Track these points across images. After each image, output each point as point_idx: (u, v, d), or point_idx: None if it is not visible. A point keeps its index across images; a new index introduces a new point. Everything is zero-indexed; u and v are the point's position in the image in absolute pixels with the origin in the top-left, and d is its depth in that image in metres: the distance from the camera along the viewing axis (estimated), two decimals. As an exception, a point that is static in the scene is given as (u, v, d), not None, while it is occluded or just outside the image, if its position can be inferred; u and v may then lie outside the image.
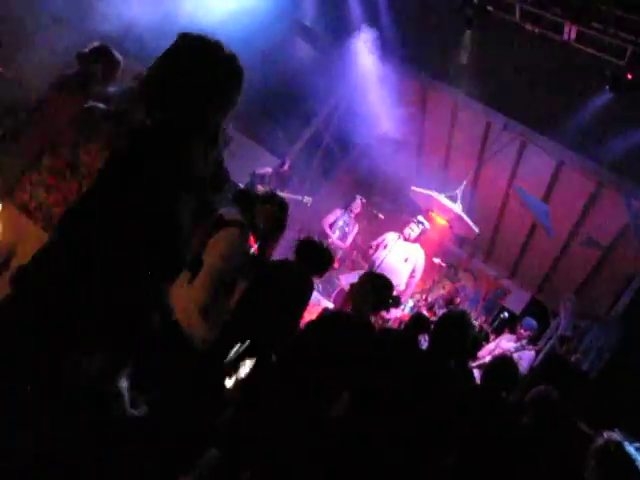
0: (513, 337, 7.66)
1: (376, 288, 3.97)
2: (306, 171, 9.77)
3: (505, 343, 7.48)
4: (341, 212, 8.71)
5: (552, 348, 6.91)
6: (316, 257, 4.05)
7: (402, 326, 7.08)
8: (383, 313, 7.49)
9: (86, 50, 4.03)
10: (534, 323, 7.55)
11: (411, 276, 7.70)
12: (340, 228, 8.60)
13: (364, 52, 8.61)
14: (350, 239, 8.68)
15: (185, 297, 3.17)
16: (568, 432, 4.27)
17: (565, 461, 3.67)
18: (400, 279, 7.58)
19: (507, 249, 10.37)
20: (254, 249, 3.86)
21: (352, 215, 8.71)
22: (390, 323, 7.55)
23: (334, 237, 8.42)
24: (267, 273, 3.92)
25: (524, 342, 7.40)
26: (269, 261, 4.06)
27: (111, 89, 4.04)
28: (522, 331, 7.48)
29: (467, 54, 7.69)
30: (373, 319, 6.40)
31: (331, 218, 8.62)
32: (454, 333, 3.56)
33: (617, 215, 7.89)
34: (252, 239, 3.86)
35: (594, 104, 6.77)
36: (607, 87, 6.37)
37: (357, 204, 8.73)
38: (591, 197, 8.22)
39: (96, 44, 4.07)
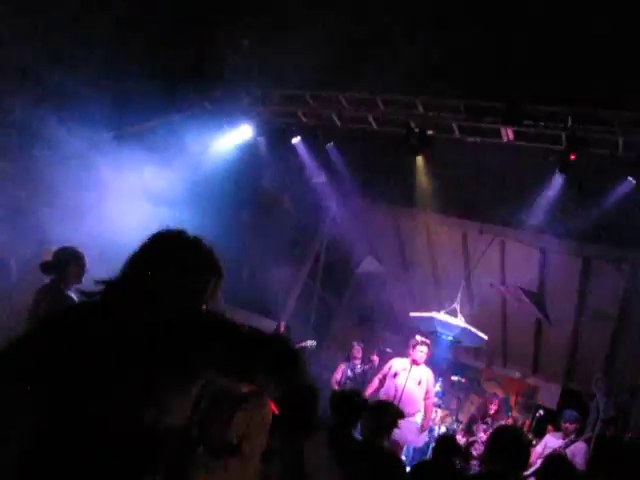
0: (559, 434, 7.24)
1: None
2: (305, 326, 9.84)
3: (553, 441, 7.08)
4: (345, 365, 8.79)
5: (601, 433, 6.57)
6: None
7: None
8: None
9: (50, 259, 4.18)
10: (576, 414, 7.14)
11: (426, 398, 7.51)
12: (355, 378, 8.53)
13: (330, 201, 9.19)
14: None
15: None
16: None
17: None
18: (419, 404, 7.43)
19: (521, 347, 10.22)
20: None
21: (357, 362, 8.72)
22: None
23: None
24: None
25: (572, 437, 7.03)
26: None
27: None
28: (567, 425, 6.97)
29: (423, 177, 8.18)
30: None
31: (338, 375, 8.69)
32: (511, 448, 3.40)
33: (614, 282, 7.98)
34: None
35: (552, 188, 7.17)
36: (557, 170, 6.79)
37: (357, 349, 8.85)
38: (583, 273, 8.35)
39: (59, 249, 4.23)
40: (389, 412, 4.22)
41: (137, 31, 7.28)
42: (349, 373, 8.62)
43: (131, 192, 7.28)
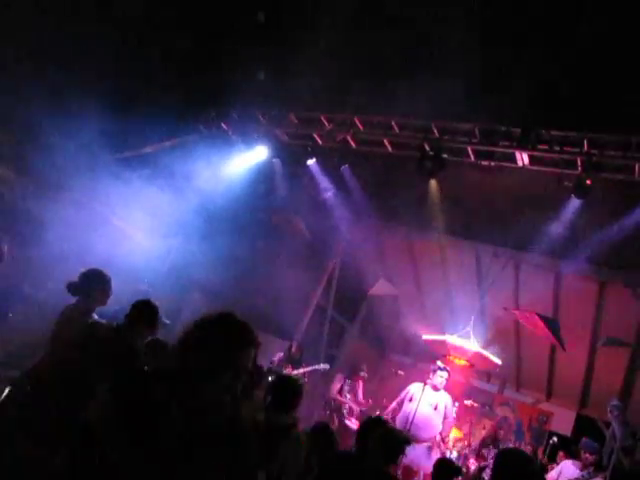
0: (577, 463, 6.96)
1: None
2: (317, 347, 9.84)
3: (571, 470, 6.88)
4: (344, 378, 9.17)
5: (618, 464, 6.40)
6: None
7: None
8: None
9: (77, 280, 4.11)
10: (597, 445, 6.80)
11: (445, 421, 7.45)
12: (348, 391, 9.20)
13: (343, 223, 9.23)
14: (360, 396, 9.16)
15: None
16: None
17: None
18: (435, 429, 7.35)
19: (535, 372, 10.12)
20: None
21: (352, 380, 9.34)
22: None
23: (348, 400, 8.98)
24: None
25: (591, 470, 6.76)
26: None
27: (114, 308, 4.21)
28: (587, 455, 6.73)
29: (437, 200, 8.18)
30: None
31: (337, 385, 8.98)
32: (517, 472, 3.25)
33: (630, 307, 7.89)
34: None
35: (567, 212, 7.14)
36: (572, 195, 6.77)
37: (358, 380, 9.38)
38: (599, 297, 8.29)
39: (85, 270, 4.15)
40: (395, 439, 4.17)
41: (153, 52, 7.40)
42: (345, 387, 9.24)
43: (142, 214, 7.36)
